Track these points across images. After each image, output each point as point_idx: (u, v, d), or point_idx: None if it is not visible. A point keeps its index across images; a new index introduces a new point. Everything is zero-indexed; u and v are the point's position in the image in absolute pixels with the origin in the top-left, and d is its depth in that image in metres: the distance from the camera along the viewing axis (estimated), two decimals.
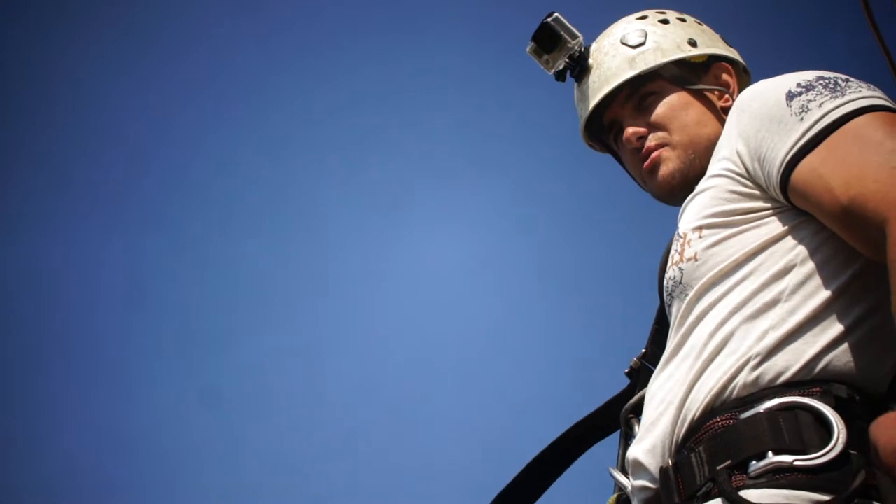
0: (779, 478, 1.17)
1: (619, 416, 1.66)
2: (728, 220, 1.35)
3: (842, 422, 1.19)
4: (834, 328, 1.25)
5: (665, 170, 1.56)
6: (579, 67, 1.70)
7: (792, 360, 1.24)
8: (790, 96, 1.33)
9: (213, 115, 3.75)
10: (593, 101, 1.66)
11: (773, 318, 1.27)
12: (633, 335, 3.83)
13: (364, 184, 3.76)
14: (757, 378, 1.25)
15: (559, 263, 3.73)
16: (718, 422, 1.25)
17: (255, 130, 3.76)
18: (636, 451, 1.35)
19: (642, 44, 1.65)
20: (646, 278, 3.79)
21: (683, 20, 1.71)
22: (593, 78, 1.67)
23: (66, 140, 3.72)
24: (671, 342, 1.38)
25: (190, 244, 3.70)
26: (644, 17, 1.71)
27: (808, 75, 1.36)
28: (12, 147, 3.67)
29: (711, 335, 1.30)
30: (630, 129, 1.61)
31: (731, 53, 1.69)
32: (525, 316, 3.76)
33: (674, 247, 1.43)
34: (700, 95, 1.61)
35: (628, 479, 1.39)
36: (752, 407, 1.23)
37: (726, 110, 1.57)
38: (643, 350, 1.73)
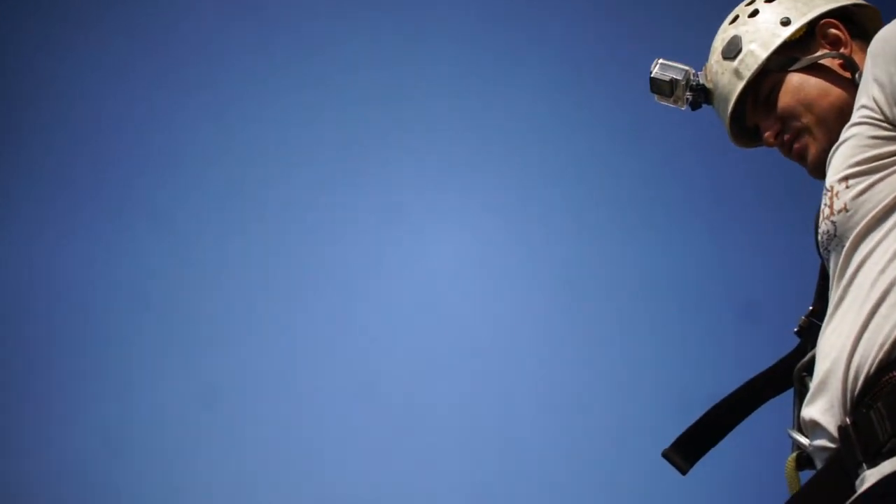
0: None
1: (791, 375, 1.63)
2: (873, 166, 1.34)
3: None
4: None
5: (811, 155, 1.57)
6: (703, 94, 1.72)
7: None
8: None
9: (214, 115, 3.75)
10: (725, 123, 1.69)
11: None
12: (633, 335, 3.86)
13: (364, 184, 3.76)
14: None
15: (560, 263, 3.73)
16: (894, 377, 1.24)
17: (255, 130, 3.75)
18: (811, 411, 1.35)
19: (739, 51, 1.65)
20: (647, 277, 3.82)
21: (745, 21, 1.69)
22: (717, 100, 1.70)
23: (65, 140, 3.71)
24: (833, 296, 1.37)
25: (189, 244, 3.70)
26: (736, 19, 1.70)
27: None
28: (12, 147, 3.66)
29: (873, 284, 1.29)
30: (767, 133, 1.62)
31: (831, 4, 1.64)
32: (526, 316, 3.76)
33: (823, 201, 1.41)
34: (813, 68, 1.59)
35: (807, 438, 1.39)
36: None
37: (848, 63, 1.56)
38: (810, 307, 1.67)
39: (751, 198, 3.64)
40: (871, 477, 1.24)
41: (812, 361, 1.44)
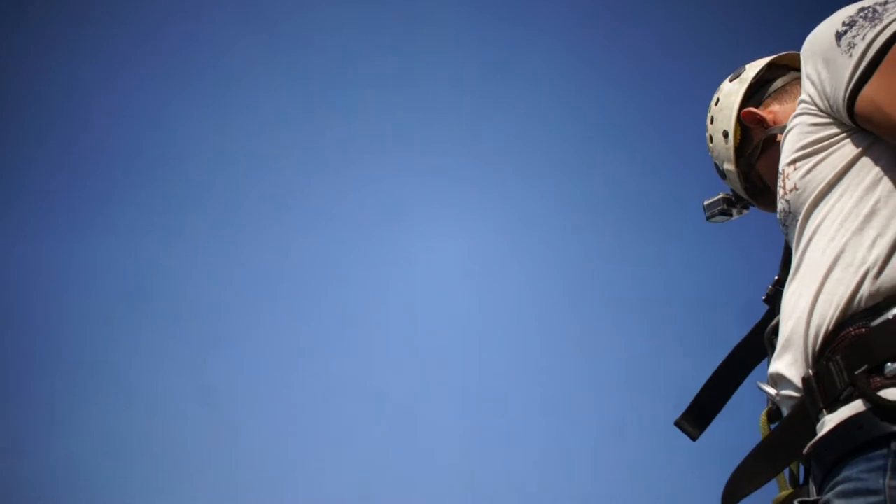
0: None
1: (763, 338, 1.87)
2: (814, 149, 1.51)
3: None
4: None
5: None
6: (743, 200, 2.05)
7: None
8: (838, 36, 1.48)
9: (215, 115, 3.76)
10: (767, 210, 1.98)
11: (877, 226, 1.42)
12: (634, 335, 3.86)
13: (364, 183, 3.77)
14: (879, 287, 1.39)
15: (561, 263, 3.74)
16: (851, 332, 1.40)
17: (255, 130, 3.76)
18: (777, 366, 1.50)
19: (723, 172, 2.00)
20: (648, 277, 3.82)
21: (712, 119, 2.00)
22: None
23: (66, 139, 3.72)
24: (793, 264, 1.53)
25: (190, 243, 3.72)
26: (709, 152, 2.02)
27: (851, 10, 1.49)
28: (12, 147, 3.68)
29: (824, 251, 1.45)
30: None
31: (742, 89, 1.95)
32: (526, 316, 3.77)
33: (778, 183, 1.60)
34: (766, 146, 1.87)
35: (775, 390, 1.54)
36: (881, 315, 1.38)
37: (779, 131, 1.81)
38: (776, 277, 1.91)
39: None
40: (830, 421, 1.40)
41: (778, 324, 1.59)
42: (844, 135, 1.49)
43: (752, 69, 2.00)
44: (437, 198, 3.82)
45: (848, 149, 1.49)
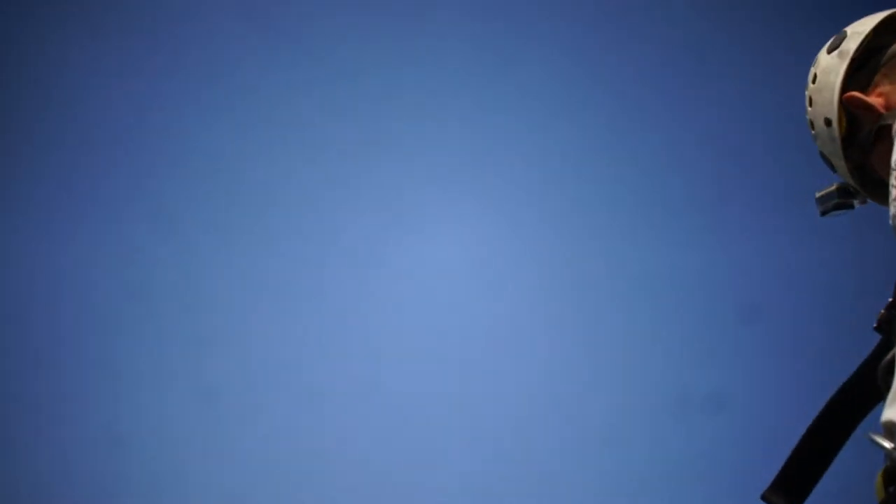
0: None
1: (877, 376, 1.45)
2: None
3: None
4: None
5: None
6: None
7: None
8: None
9: (216, 115, 3.75)
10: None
11: None
12: (634, 334, 3.86)
13: (365, 183, 3.77)
14: None
15: (561, 263, 3.74)
16: None
17: (256, 130, 3.76)
18: (891, 413, 1.20)
19: (832, 165, 1.60)
20: (648, 277, 3.82)
21: (811, 101, 1.59)
22: None
23: (66, 139, 3.71)
24: None
25: (191, 243, 3.70)
26: (814, 140, 1.61)
27: None
28: (12, 146, 3.67)
29: None
30: None
31: (844, 63, 1.53)
32: (526, 315, 3.76)
33: (890, 182, 1.25)
34: (878, 139, 1.48)
35: (891, 442, 1.23)
36: None
37: (887, 107, 1.45)
38: (889, 299, 1.50)
39: (753, 198, 3.65)
40: None
41: (894, 359, 1.30)
42: None
43: (855, 38, 1.55)
44: (438, 198, 3.82)
45: None
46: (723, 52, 3.71)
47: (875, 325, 1.49)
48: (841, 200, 1.64)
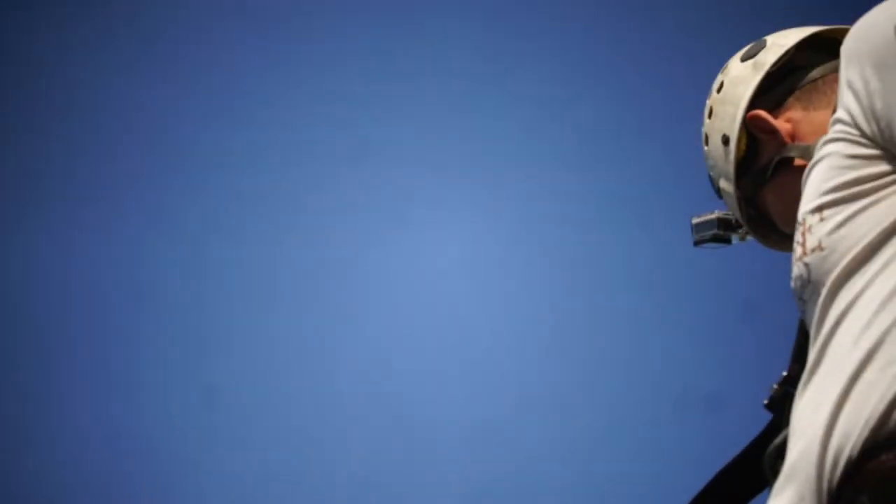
0: None
1: (763, 461, 1.32)
2: (853, 192, 1.05)
3: None
4: None
5: None
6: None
7: None
8: None
9: (217, 115, 3.75)
10: (775, 248, 1.48)
11: None
12: (636, 336, 3.86)
13: (366, 182, 3.76)
14: None
15: (561, 263, 3.74)
16: (885, 461, 0.97)
17: (257, 129, 3.75)
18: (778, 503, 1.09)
19: (718, 189, 1.45)
20: (647, 276, 3.82)
21: (710, 112, 1.43)
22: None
23: (67, 139, 3.72)
24: (810, 358, 1.07)
25: (192, 243, 3.71)
26: (704, 155, 1.47)
27: None
28: (12, 146, 3.67)
29: (855, 343, 1.00)
30: None
31: (757, 74, 1.37)
32: (526, 315, 3.76)
33: (795, 238, 1.12)
34: (778, 169, 1.35)
35: None
36: None
37: (800, 151, 1.31)
38: (784, 373, 1.39)
39: None
40: None
41: (786, 442, 1.14)
42: None
43: (775, 50, 1.39)
44: (440, 198, 3.82)
45: None
46: (723, 53, 3.71)
47: (766, 401, 1.40)
48: (719, 232, 1.53)
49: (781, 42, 1.40)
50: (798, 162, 1.31)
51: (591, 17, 3.80)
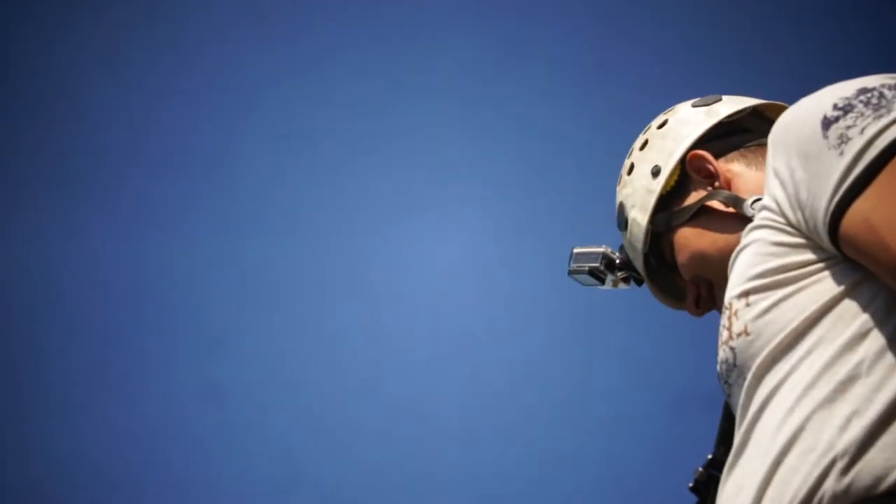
0: None
1: None
2: (779, 279, 1.06)
3: None
4: None
5: None
6: (630, 269, 1.51)
7: (893, 458, 0.95)
8: (826, 124, 1.03)
9: (217, 113, 3.75)
10: (655, 294, 1.50)
11: (854, 401, 0.98)
12: (636, 336, 3.86)
13: (366, 181, 3.77)
14: (849, 486, 0.95)
15: (560, 263, 3.74)
16: None
17: (257, 128, 3.76)
18: None
19: (626, 220, 1.45)
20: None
21: (644, 145, 1.47)
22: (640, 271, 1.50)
23: (68, 139, 3.72)
24: (736, 441, 1.08)
25: (192, 242, 3.71)
26: (619, 184, 1.50)
27: (848, 89, 1.05)
28: (12, 146, 3.67)
29: (779, 428, 1.01)
30: (688, 300, 1.40)
31: (702, 125, 1.41)
32: (526, 315, 3.77)
33: (721, 322, 1.13)
34: (699, 213, 1.36)
35: None
36: None
37: (729, 200, 1.34)
38: (709, 456, 1.39)
39: None
40: None
41: None
42: (822, 264, 1.04)
43: (730, 104, 1.44)
44: (441, 197, 3.82)
45: (826, 285, 1.04)
46: (722, 55, 3.71)
47: (690, 485, 1.40)
48: (599, 267, 1.50)
49: (739, 102, 1.44)
50: (724, 209, 1.34)
51: (592, 17, 3.80)
